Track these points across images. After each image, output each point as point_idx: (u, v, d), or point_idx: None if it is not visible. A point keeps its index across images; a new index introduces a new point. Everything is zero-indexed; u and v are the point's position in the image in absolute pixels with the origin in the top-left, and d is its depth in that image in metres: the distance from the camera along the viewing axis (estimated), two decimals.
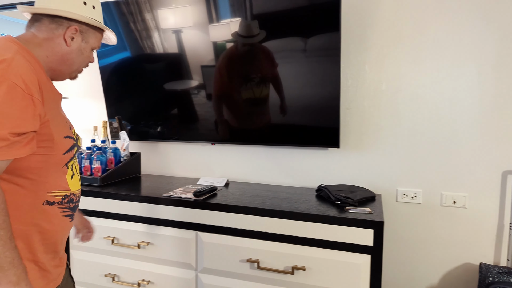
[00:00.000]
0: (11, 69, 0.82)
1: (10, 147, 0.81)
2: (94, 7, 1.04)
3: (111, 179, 1.96)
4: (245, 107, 1.94)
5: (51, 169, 0.95)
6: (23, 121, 0.82)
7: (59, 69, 1.01)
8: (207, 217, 1.59)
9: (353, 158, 1.91)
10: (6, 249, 0.80)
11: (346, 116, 1.89)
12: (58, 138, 0.94)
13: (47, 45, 0.97)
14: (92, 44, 1.06)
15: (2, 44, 0.89)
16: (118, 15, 2.07)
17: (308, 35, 1.76)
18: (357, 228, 1.40)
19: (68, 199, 1.01)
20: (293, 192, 1.83)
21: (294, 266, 1.47)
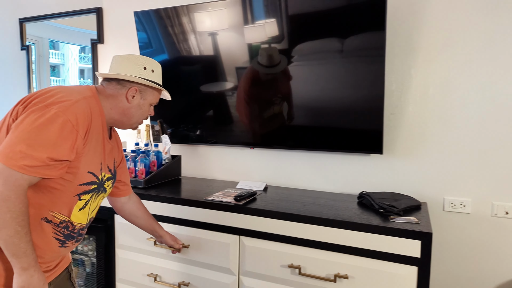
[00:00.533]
0: (71, 108, 1.02)
1: (44, 168, 0.98)
2: (153, 70, 1.25)
3: (154, 181, 2.02)
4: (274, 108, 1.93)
5: (64, 194, 1.08)
6: (62, 151, 1.00)
7: (120, 120, 1.22)
8: (248, 221, 1.60)
9: (397, 164, 1.85)
10: (21, 242, 0.97)
11: (390, 121, 1.84)
12: (83, 170, 1.10)
13: (112, 100, 1.19)
14: (150, 101, 1.27)
15: (82, 89, 1.13)
16: (156, 19, 2.13)
17: (346, 36, 1.73)
18: (403, 239, 1.36)
19: (65, 225, 1.13)
20: (333, 198, 1.80)
21: (336, 274, 1.45)
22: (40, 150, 0.96)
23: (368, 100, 1.74)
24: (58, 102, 1.02)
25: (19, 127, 0.98)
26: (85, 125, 1.05)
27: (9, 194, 0.94)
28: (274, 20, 1.85)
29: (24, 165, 0.95)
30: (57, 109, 1.00)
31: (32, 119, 0.98)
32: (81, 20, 2.58)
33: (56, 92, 1.06)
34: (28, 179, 0.97)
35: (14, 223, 0.95)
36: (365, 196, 1.69)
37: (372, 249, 1.40)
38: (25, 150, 0.95)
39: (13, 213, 0.95)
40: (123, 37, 2.47)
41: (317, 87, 1.83)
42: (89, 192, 1.15)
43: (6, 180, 0.94)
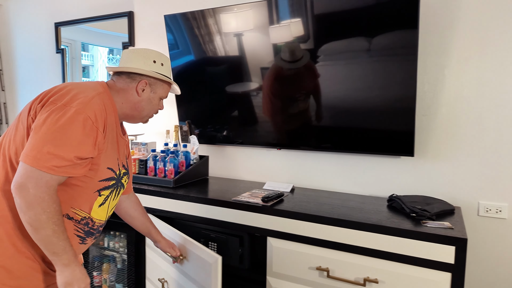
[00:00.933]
0: (89, 105, 1.04)
1: (72, 167, 1.01)
2: (162, 64, 1.25)
3: (183, 181, 2.05)
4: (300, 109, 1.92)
5: (85, 190, 1.10)
6: (87, 148, 1.03)
7: (131, 114, 1.23)
8: (276, 223, 1.60)
9: (429, 167, 1.80)
10: (60, 240, 1.00)
11: (421, 123, 1.79)
12: (103, 166, 1.12)
13: (122, 94, 1.20)
14: (160, 94, 1.27)
15: (94, 85, 1.14)
16: (183, 21, 2.16)
17: (374, 34, 1.70)
18: (437, 244, 1.32)
19: (85, 221, 1.14)
20: (362, 201, 1.78)
21: (366, 278, 1.43)
22: (68, 150, 0.98)
23: (399, 101, 1.70)
24: (75, 99, 1.03)
25: (42, 128, 0.98)
26: (102, 121, 1.07)
27: (43, 195, 0.96)
28: (300, 20, 1.84)
29: (53, 166, 0.97)
30: (76, 106, 1.01)
31: (54, 119, 0.99)
32: (112, 23, 2.66)
33: (71, 89, 1.07)
34: (57, 179, 1.00)
35: (50, 223, 0.98)
36: (396, 199, 1.65)
37: (403, 254, 1.37)
38: (53, 151, 0.97)
39: (49, 214, 0.97)
40: (153, 40, 2.53)
41: (344, 87, 1.81)
42: (108, 188, 1.17)
43: (37, 182, 0.96)
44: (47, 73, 3.09)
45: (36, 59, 3.14)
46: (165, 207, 1.87)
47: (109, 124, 1.12)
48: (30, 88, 3.22)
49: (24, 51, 3.22)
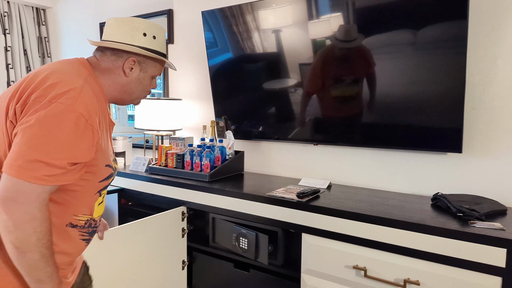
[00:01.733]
0: (80, 99, 0.87)
1: (64, 175, 0.86)
2: (154, 37, 1.06)
3: (218, 176, 2.06)
4: (341, 103, 1.85)
5: (85, 194, 0.97)
6: (81, 152, 0.87)
7: (121, 97, 1.07)
8: (311, 219, 1.55)
9: (478, 165, 1.68)
10: (47, 266, 0.87)
11: (470, 117, 1.67)
12: (101, 166, 0.98)
13: (108, 75, 1.03)
14: (151, 73, 1.09)
15: (76, 67, 0.96)
16: (222, 18, 2.17)
17: (419, 27, 1.60)
18: (486, 246, 1.22)
19: (89, 223, 1.03)
20: (403, 199, 1.69)
21: (406, 279, 1.35)
22: (59, 156, 0.83)
23: (446, 96, 1.60)
24: (62, 93, 0.86)
25: (26, 133, 0.82)
26: (96, 116, 0.91)
27: (34, 212, 0.82)
28: (340, 14, 1.78)
29: (43, 175, 0.82)
30: (65, 102, 0.85)
31: (39, 120, 0.82)
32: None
33: (53, 77, 0.89)
34: (49, 190, 0.85)
35: (40, 245, 0.84)
36: (441, 198, 1.55)
37: (448, 255, 1.28)
38: (42, 159, 0.81)
39: (39, 234, 0.83)
40: (191, 37, 2.57)
41: (386, 82, 1.73)
42: (107, 186, 1.05)
43: (28, 196, 0.81)
44: None
45: None
46: (201, 201, 1.88)
47: (101, 114, 0.96)
48: None
49: (71, 52, 3.39)
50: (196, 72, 2.57)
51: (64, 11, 3.39)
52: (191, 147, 2.14)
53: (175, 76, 2.68)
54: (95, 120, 0.91)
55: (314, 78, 1.95)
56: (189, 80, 2.61)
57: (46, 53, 3.45)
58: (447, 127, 1.63)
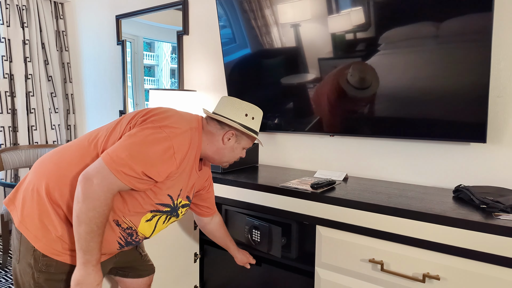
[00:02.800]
0: (179, 137, 1.11)
1: (136, 180, 1.05)
2: (253, 118, 1.29)
3: (232, 167, 2.03)
4: (359, 93, 1.79)
5: (139, 205, 1.14)
6: (156, 171, 1.07)
7: (212, 156, 1.29)
8: (326, 211, 1.51)
9: (504, 155, 1.59)
10: (92, 240, 1.04)
11: (496, 105, 1.59)
12: (164, 192, 1.16)
13: (210, 137, 1.26)
14: (243, 145, 1.32)
15: (192, 118, 1.22)
16: (240, 13, 2.13)
17: (442, 19, 1.53)
18: (510, 239, 1.15)
19: (130, 231, 1.18)
20: (423, 191, 1.62)
21: (425, 273, 1.29)
22: (139, 164, 1.04)
23: (469, 89, 1.52)
24: (171, 127, 1.11)
25: (131, 138, 1.06)
26: (181, 155, 1.12)
27: (100, 194, 1.01)
28: (361, 8, 1.72)
29: (122, 171, 1.02)
30: (168, 133, 1.09)
31: (144, 134, 1.07)
32: (168, 15, 2.72)
33: (172, 115, 1.15)
34: (119, 186, 1.04)
35: (93, 222, 1.02)
36: (463, 190, 1.48)
37: (471, 249, 1.21)
38: (127, 159, 1.03)
39: (96, 213, 1.01)
40: (206, 28, 2.54)
41: (408, 76, 1.66)
42: (160, 212, 1.19)
43: (103, 179, 1.01)
44: (109, 65, 3.25)
45: (99, 51, 3.32)
46: (215, 192, 1.85)
47: (188, 158, 1.17)
48: (93, 79, 3.42)
49: (88, 45, 3.42)
50: (211, 64, 2.55)
51: (81, 4, 3.43)
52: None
53: (190, 68, 2.67)
54: (179, 158, 1.12)
55: (331, 73, 1.89)
56: (204, 72, 2.59)
57: (64, 46, 3.50)
58: (470, 116, 1.55)
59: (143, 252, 1.48)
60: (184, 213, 1.32)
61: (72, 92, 3.58)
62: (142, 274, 1.48)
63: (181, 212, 1.28)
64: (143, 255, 1.48)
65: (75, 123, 3.63)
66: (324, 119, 1.98)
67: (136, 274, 1.46)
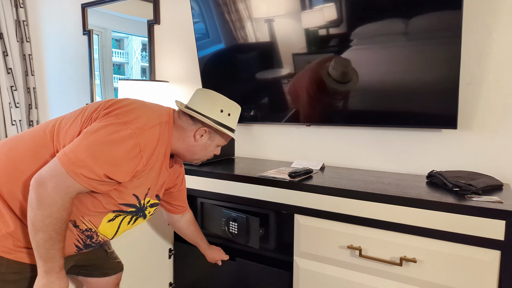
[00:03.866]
0: (146, 134, 1.02)
1: (97, 183, 0.97)
2: (229, 114, 1.20)
3: (207, 160, 1.98)
4: (335, 84, 1.80)
5: (101, 206, 1.06)
6: (121, 172, 0.98)
7: (183, 153, 1.20)
8: (304, 199, 1.50)
9: (474, 141, 1.65)
10: (52, 248, 0.96)
11: (466, 92, 1.64)
12: (129, 191, 1.07)
13: (181, 132, 1.17)
14: (217, 143, 1.23)
15: (162, 112, 1.13)
16: (214, 6, 2.09)
17: (411, 16, 1.56)
18: (483, 219, 1.19)
19: (89, 233, 1.09)
20: (399, 178, 1.65)
21: (402, 257, 1.31)
22: (101, 165, 0.95)
23: (440, 78, 1.56)
24: (137, 122, 1.01)
25: (92, 136, 0.96)
26: (149, 153, 1.04)
27: (57, 199, 0.92)
28: (333, 4, 1.74)
29: (81, 174, 0.94)
30: (134, 130, 1.00)
31: (107, 132, 0.97)
32: (139, 8, 2.62)
33: (138, 107, 1.06)
34: (78, 189, 0.96)
35: (51, 229, 0.94)
36: (436, 175, 1.52)
37: (445, 230, 1.24)
38: (88, 160, 0.94)
39: (54, 219, 0.93)
40: (178, 17, 2.47)
41: (381, 70, 1.69)
42: (124, 212, 1.11)
43: (59, 183, 0.92)
44: (75, 57, 3.11)
45: (63, 42, 3.17)
46: (189, 185, 1.81)
47: (156, 155, 1.09)
48: (58, 73, 3.26)
49: (51, 36, 3.26)
50: (184, 54, 2.49)
51: None
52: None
53: (162, 58, 2.59)
54: (146, 156, 1.03)
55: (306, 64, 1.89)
56: (176, 63, 2.53)
57: (24, 37, 3.31)
58: (441, 103, 1.59)
59: (109, 249, 1.38)
60: (152, 213, 1.23)
61: (34, 85, 3.39)
62: (108, 272, 1.37)
63: (149, 212, 1.20)
64: (109, 252, 1.38)
65: (38, 118, 3.45)
66: (301, 109, 1.98)
67: (101, 273, 1.36)
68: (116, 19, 2.81)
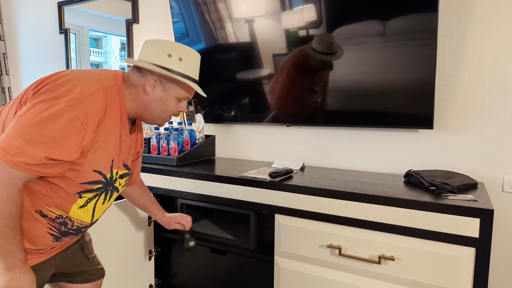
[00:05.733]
0: (83, 103, 0.91)
1: (42, 167, 0.89)
2: (181, 59, 1.06)
3: (187, 160, 1.97)
4: (314, 84, 1.82)
5: (62, 191, 0.98)
6: (63, 151, 0.89)
7: (141, 114, 1.09)
8: (284, 199, 1.50)
9: (449, 141, 1.68)
10: (8, 243, 0.89)
11: (441, 93, 1.67)
12: (87, 169, 0.99)
13: (133, 90, 1.06)
14: (175, 94, 1.09)
15: (106, 75, 1.01)
16: (194, 6, 2.07)
17: (388, 18, 1.59)
18: (459, 217, 1.21)
19: (62, 221, 1.02)
20: (377, 177, 1.67)
21: (381, 255, 1.32)
22: (39, 148, 0.86)
23: (416, 80, 1.60)
24: (69, 93, 0.90)
25: (21, 119, 0.87)
26: (96, 121, 0.94)
27: (2, 193, 0.86)
28: (312, 5, 1.75)
29: (20, 162, 0.86)
30: (66, 102, 0.89)
31: (36, 111, 0.87)
32: (118, 7, 2.58)
33: (70, 79, 0.94)
34: (24, 177, 0.89)
35: (2, 224, 0.87)
36: (413, 174, 1.54)
37: (422, 228, 1.26)
38: (23, 146, 0.85)
39: (2, 214, 0.87)
40: (158, 17, 2.44)
41: (359, 71, 1.71)
42: (91, 191, 1.04)
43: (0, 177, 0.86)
44: (51, 56, 3.03)
45: (40, 41, 3.09)
46: (169, 186, 1.79)
47: (108, 123, 0.99)
48: (34, 72, 3.17)
49: (27, 34, 3.17)
50: None
51: None
52: (157, 130, 2.04)
53: None
54: (92, 127, 0.93)
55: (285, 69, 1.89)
56: None
57: None
58: (418, 104, 1.62)
59: (90, 255, 1.32)
60: (124, 185, 1.15)
61: (9, 85, 3.30)
62: (90, 278, 1.31)
63: (120, 184, 1.12)
64: (90, 257, 1.32)
65: None
66: (281, 110, 1.98)
67: (83, 278, 1.29)
68: (94, 18, 2.75)
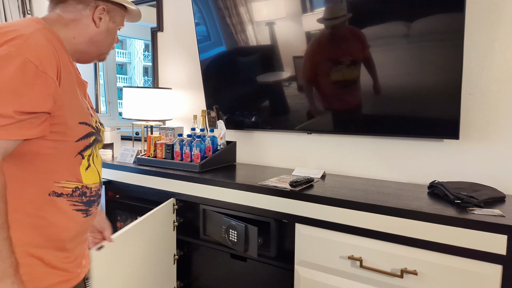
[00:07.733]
0: (27, 45, 0.78)
1: (18, 126, 0.76)
2: None
3: (209, 166, 2.00)
4: (337, 91, 1.80)
5: (62, 157, 0.88)
6: (33, 100, 0.77)
7: (87, 51, 0.99)
8: (305, 208, 1.50)
9: (476, 151, 1.64)
10: None
11: (467, 102, 1.63)
12: (72, 123, 0.88)
13: (74, 26, 0.94)
14: (119, 24, 1.03)
15: (25, 22, 0.86)
16: (215, 10, 2.10)
17: (413, 19, 1.56)
18: (484, 233, 1.18)
19: (80, 192, 0.93)
20: (400, 187, 1.64)
21: (403, 269, 1.30)
22: (2, 104, 0.74)
23: (442, 84, 1.56)
24: (7, 40, 0.78)
25: None
26: (53, 64, 0.82)
27: None
28: (334, 7, 1.73)
29: None
30: (8, 48, 0.76)
31: None
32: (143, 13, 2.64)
33: (2, 28, 0.81)
34: (2, 146, 0.75)
35: None
36: (438, 186, 1.51)
37: (446, 243, 1.23)
38: None
39: None
40: (181, 25, 2.49)
41: (382, 74, 1.68)
42: (90, 146, 0.94)
43: None
44: None
45: None
46: (191, 192, 1.82)
47: (65, 66, 0.87)
48: None
49: None
50: (186, 61, 2.50)
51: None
52: (180, 136, 2.08)
53: (165, 65, 2.60)
54: (51, 69, 0.81)
55: (308, 67, 1.89)
56: (179, 70, 2.54)
57: None
58: (443, 113, 1.58)
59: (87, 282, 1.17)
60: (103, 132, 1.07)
61: None
62: None
63: (102, 132, 1.04)
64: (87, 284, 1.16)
65: None
66: (302, 116, 1.98)
67: None
68: None
